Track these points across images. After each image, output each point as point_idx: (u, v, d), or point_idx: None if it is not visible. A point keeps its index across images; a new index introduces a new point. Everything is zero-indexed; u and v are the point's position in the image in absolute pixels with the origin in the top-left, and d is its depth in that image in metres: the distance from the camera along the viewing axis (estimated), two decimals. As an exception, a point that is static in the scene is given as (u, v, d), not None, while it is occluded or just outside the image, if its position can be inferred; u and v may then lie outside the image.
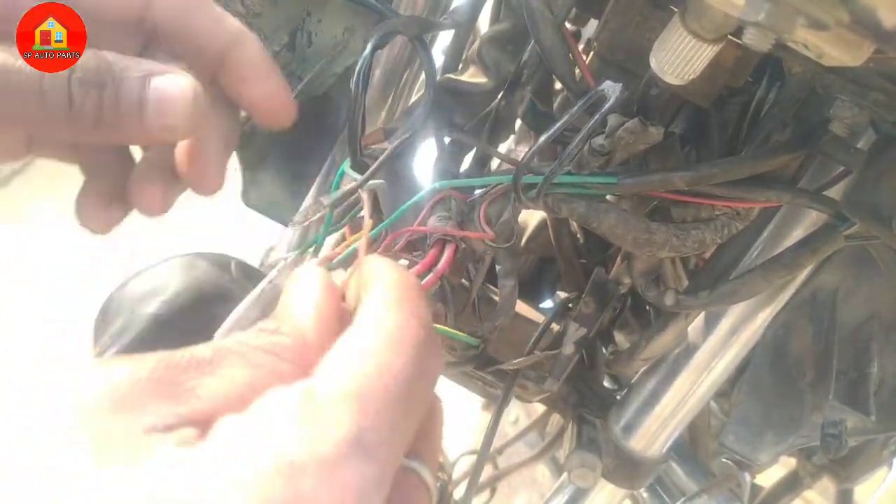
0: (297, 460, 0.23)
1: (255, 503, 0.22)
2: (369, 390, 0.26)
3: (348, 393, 0.26)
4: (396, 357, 0.28)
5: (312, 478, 0.23)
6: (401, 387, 0.27)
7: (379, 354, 0.27)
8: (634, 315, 0.73)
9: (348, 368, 0.27)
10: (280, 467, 0.23)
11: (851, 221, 0.46)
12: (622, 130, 0.44)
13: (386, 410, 0.26)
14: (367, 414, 0.25)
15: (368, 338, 0.28)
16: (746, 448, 0.70)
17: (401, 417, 0.27)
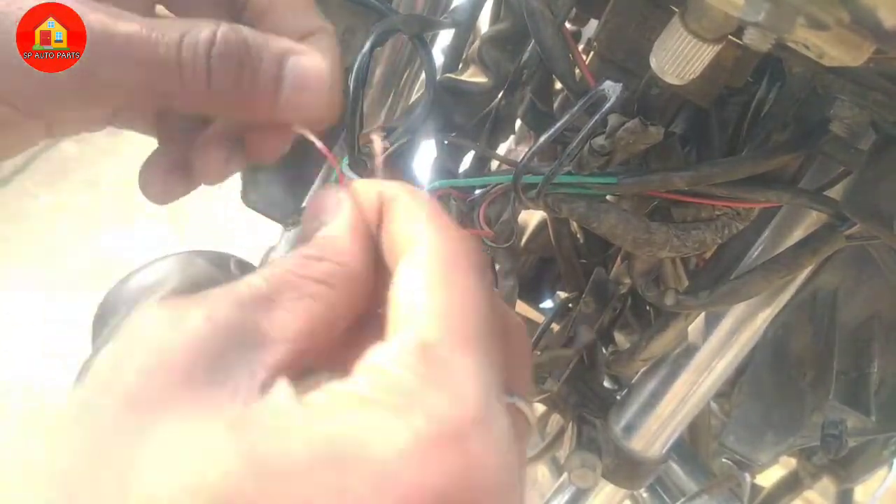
0: (452, 425, 0.23)
1: (435, 481, 0.22)
2: (469, 328, 0.26)
3: (459, 338, 0.25)
4: (469, 283, 0.27)
5: (475, 439, 0.23)
6: (485, 312, 0.27)
7: (455, 286, 0.27)
8: (635, 315, 0.73)
9: (442, 311, 0.26)
10: (441, 436, 0.23)
11: (852, 221, 0.46)
12: (622, 130, 0.44)
13: (487, 344, 0.26)
14: (481, 355, 0.25)
15: (437, 271, 0.27)
16: (747, 448, 0.70)
17: (495, 347, 0.27)
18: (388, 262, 0.31)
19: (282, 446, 0.22)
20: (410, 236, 0.29)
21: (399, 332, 0.26)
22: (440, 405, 0.23)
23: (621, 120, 0.44)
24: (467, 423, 0.23)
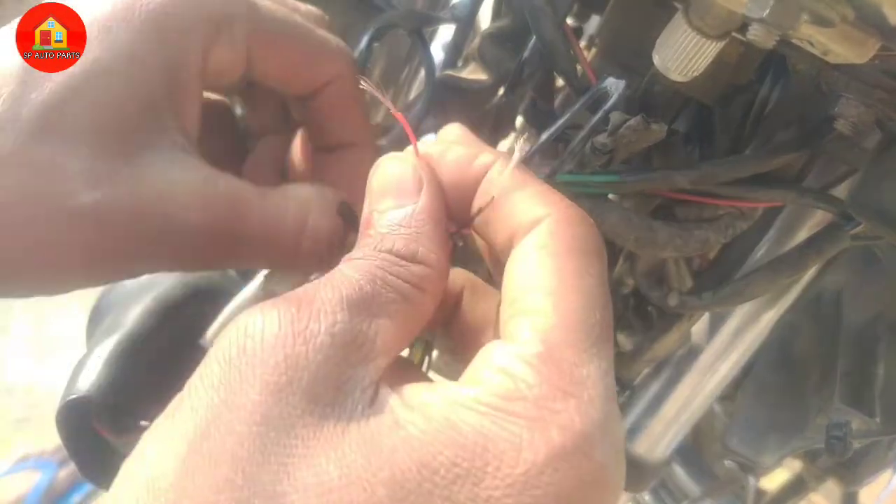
0: (583, 435, 0.23)
1: (570, 489, 0.23)
2: (594, 330, 0.26)
3: (585, 341, 0.25)
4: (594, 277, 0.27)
5: (601, 445, 0.24)
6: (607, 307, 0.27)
7: (581, 281, 0.27)
8: (637, 316, 0.73)
9: (569, 312, 0.26)
10: (573, 446, 0.23)
11: (857, 221, 0.46)
12: (624, 128, 0.44)
13: (608, 341, 0.27)
14: (603, 357, 0.26)
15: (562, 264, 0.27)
16: (750, 451, 0.70)
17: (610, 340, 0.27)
18: (493, 240, 0.31)
19: (420, 465, 0.23)
20: (527, 216, 0.29)
21: (524, 332, 0.26)
22: (572, 416, 0.24)
23: (623, 117, 0.43)
24: (596, 432, 0.24)
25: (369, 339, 0.26)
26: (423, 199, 0.30)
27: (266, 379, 0.24)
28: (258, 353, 0.24)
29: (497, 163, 0.31)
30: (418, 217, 0.30)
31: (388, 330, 0.27)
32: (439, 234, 0.30)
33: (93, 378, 0.41)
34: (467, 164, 0.31)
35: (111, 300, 0.49)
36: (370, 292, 0.27)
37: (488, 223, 0.31)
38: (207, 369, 0.25)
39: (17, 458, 1.75)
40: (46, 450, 1.74)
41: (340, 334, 0.25)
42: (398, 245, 0.29)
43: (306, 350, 0.24)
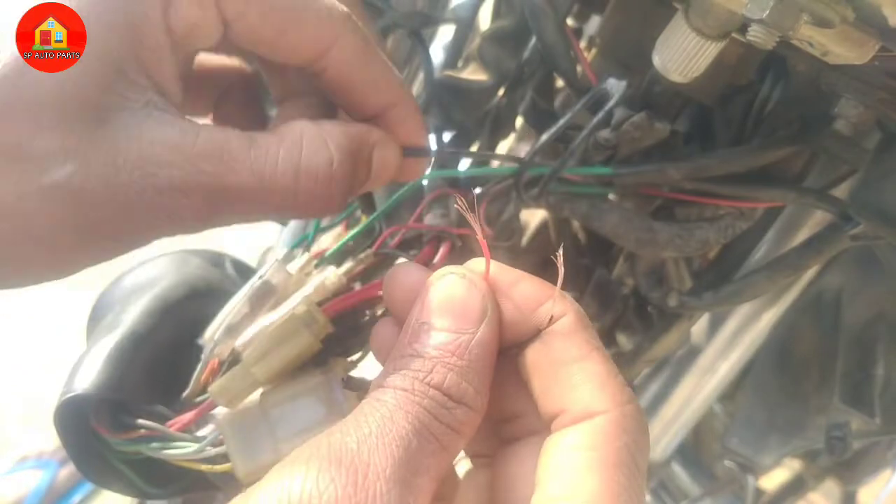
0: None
1: None
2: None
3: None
4: (636, 489, 0.27)
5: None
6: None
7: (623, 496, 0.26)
8: (637, 316, 0.73)
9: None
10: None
11: (856, 221, 0.46)
12: (628, 124, 0.43)
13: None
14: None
15: (611, 480, 0.26)
16: (750, 451, 0.70)
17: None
18: (540, 401, 0.30)
19: None
20: (580, 402, 0.28)
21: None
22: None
23: (627, 113, 0.43)
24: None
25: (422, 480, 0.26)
26: (482, 332, 0.29)
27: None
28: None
29: (568, 319, 0.30)
30: (475, 350, 0.29)
31: (425, 488, 0.26)
32: (488, 372, 0.29)
33: (91, 376, 0.41)
34: (534, 306, 0.30)
35: (111, 298, 0.49)
36: (416, 448, 0.26)
37: (538, 382, 0.30)
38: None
39: (18, 457, 1.75)
40: (47, 449, 1.74)
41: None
42: (449, 381, 0.28)
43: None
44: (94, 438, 0.42)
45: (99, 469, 0.43)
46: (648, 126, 0.44)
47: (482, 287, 0.30)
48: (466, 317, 0.29)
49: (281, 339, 0.38)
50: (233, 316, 0.38)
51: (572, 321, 0.30)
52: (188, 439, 0.41)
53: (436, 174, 0.47)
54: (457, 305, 0.29)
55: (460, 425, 0.28)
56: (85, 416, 0.41)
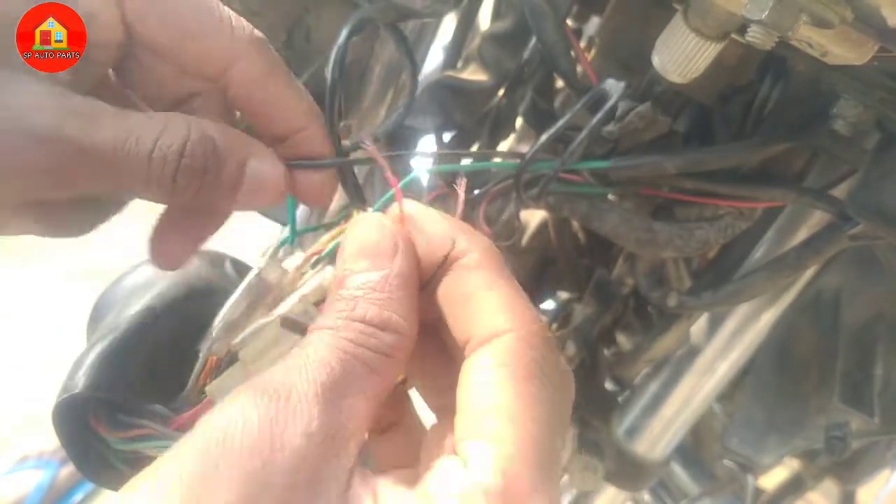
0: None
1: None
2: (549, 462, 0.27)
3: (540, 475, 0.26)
4: (553, 401, 0.28)
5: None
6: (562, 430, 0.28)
7: (539, 409, 0.27)
8: (637, 316, 0.73)
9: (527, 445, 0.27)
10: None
11: (855, 221, 0.46)
12: (633, 115, 0.43)
13: (558, 469, 0.28)
14: (553, 489, 0.27)
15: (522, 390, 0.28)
16: (750, 450, 0.70)
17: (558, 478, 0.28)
18: (452, 330, 0.31)
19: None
20: (488, 325, 0.29)
21: (484, 461, 0.26)
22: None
23: (631, 105, 0.43)
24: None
25: (343, 427, 0.27)
26: (397, 264, 0.30)
27: (241, 483, 0.24)
28: (235, 456, 0.24)
29: (473, 252, 0.31)
30: (393, 282, 0.30)
31: (359, 409, 0.27)
32: (411, 300, 0.30)
33: (90, 375, 0.41)
34: (444, 241, 0.32)
35: (111, 299, 0.49)
36: (340, 374, 0.27)
37: (450, 313, 0.31)
38: (184, 456, 0.25)
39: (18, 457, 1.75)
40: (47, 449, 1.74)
41: (316, 434, 0.26)
42: (371, 313, 0.29)
43: (283, 456, 0.25)
44: (92, 437, 0.42)
45: (97, 468, 0.43)
46: (652, 117, 0.44)
47: (391, 226, 0.32)
48: (380, 255, 0.31)
49: (278, 338, 0.38)
50: (230, 313, 0.38)
51: (479, 254, 0.31)
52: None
53: (435, 170, 0.47)
54: (370, 247, 0.31)
55: (388, 349, 0.29)
56: (83, 415, 0.41)
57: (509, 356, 0.28)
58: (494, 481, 0.25)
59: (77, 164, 0.33)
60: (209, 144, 0.35)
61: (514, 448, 0.26)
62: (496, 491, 0.25)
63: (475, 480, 0.25)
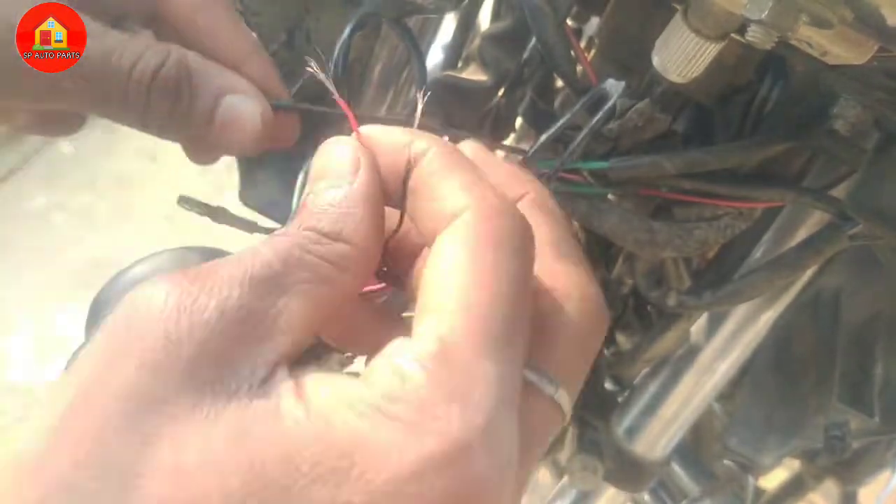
0: (461, 442, 0.22)
1: (435, 499, 0.22)
2: (497, 326, 0.25)
3: (484, 339, 0.24)
4: (506, 270, 0.26)
5: (480, 456, 0.23)
6: (518, 301, 0.26)
7: (488, 275, 0.26)
8: (636, 316, 0.73)
9: (470, 308, 0.25)
10: (447, 454, 0.22)
11: (855, 221, 0.46)
12: (632, 112, 0.43)
13: (513, 339, 0.25)
14: (503, 357, 0.25)
15: (472, 259, 0.26)
16: (749, 450, 0.70)
17: (522, 340, 0.26)
18: (420, 228, 0.30)
19: (283, 458, 0.22)
20: (447, 208, 0.28)
21: (423, 329, 0.25)
22: (452, 421, 0.23)
23: (630, 102, 0.43)
24: (476, 439, 0.23)
25: (269, 317, 0.25)
26: (358, 180, 0.29)
27: (144, 355, 0.23)
28: (140, 328, 0.23)
29: (431, 149, 0.30)
30: (351, 197, 0.29)
31: (296, 310, 0.26)
32: (372, 216, 0.29)
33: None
34: (403, 148, 0.30)
35: (109, 295, 0.49)
36: (280, 270, 0.26)
37: (416, 212, 0.30)
38: (93, 341, 0.24)
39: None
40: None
41: (232, 311, 0.24)
42: (323, 223, 0.28)
43: (189, 325, 0.23)
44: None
45: None
46: (651, 113, 0.44)
47: (350, 144, 0.31)
48: (339, 173, 0.30)
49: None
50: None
51: (434, 148, 0.30)
52: None
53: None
54: (330, 167, 0.30)
55: (338, 258, 0.27)
56: None
57: (464, 231, 0.27)
58: (430, 348, 0.24)
59: (60, 76, 0.34)
60: (184, 70, 0.36)
61: (458, 316, 0.25)
62: (431, 356, 0.24)
63: (412, 350, 0.24)
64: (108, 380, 0.23)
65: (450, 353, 0.24)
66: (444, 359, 0.24)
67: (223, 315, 0.24)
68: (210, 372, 0.23)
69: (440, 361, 0.24)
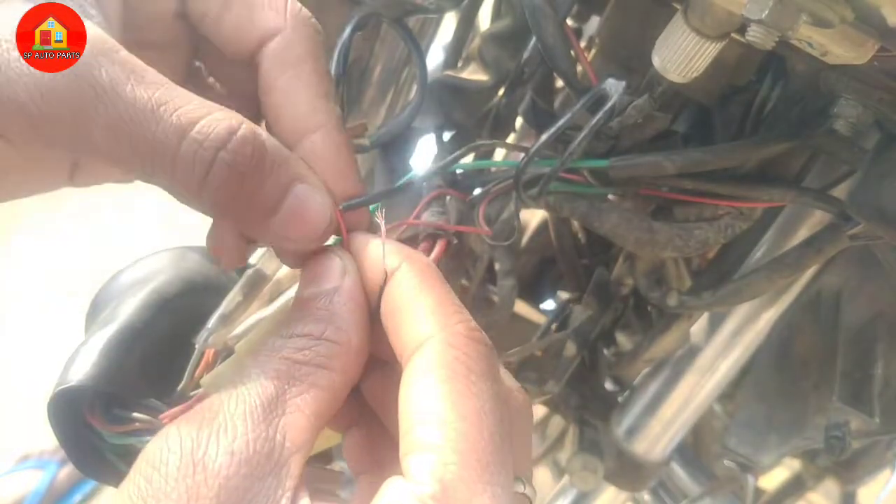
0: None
1: None
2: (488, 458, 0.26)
3: (478, 473, 0.26)
4: (486, 399, 0.28)
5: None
6: (501, 429, 0.27)
7: (472, 408, 0.27)
8: (637, 316, 0.73)
9: (461, 444, 0.26)
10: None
11: (855, 221, 0.46)
12: (631, 108, 0.43)
13: (502, 465, 0.27)
14: (497, 485, 0.26)
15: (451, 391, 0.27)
16: (750, 450, 0.70)
17: (507, 458, 0.27)
18: (392, 341, 0.31)
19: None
20: (414, 332, 0.29)
21: (420, 471, 0.26)
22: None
23: (629, 99, 0.43)
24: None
25: (277, 443, 0.26)
26: (344, 285, 0.31)
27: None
28: (162, 488, 0.24)
29: (400, 269, 0.31)
30: (336, 299, 0.31)
31: (298, 425, 0.27)
32: (356, 315, 0.31)
33: (86, 368, 0.41)
34: (378, 266, 0.32)
35: (108, 294, 0.49)
36: (274, 393, 0.27)
37: (388, 327, 0.31)
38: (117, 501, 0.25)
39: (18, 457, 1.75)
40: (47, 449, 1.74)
41: (241, 451, 0.25)
42: (309, 327, 0.30)
43: (205, 478, 0.24)
44: (87, 430, 0.42)
45: (92, 461, 0.43)
46: (650, 110, 0.44)
47: (338, 252, 0.33)
48: (327, 278, 0.31)
49: (273, 330, 0.38)
50: (226, 305, 0.38)
51: (406, 266, 0.31)
52: None
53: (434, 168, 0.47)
54: (318, 273, 0.32)
55: (324, 360, 0.29)
56: (78, 407, 0.41)
57: (434, 360, 0.28)
58: (432, 490, 0.25)
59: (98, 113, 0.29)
60: (259, 145, 0.30)
61: (449, 452, 0.26)
62: (434, 498, 0.25)
63: (414, 492, 0.25)
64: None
65: (450, 493, 0.25)
66: (445, 497, 0.25)
67: (234, 457, 0.25)
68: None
69: (441, 501, 0.25)
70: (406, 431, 0.27)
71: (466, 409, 0.27)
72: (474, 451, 0.26)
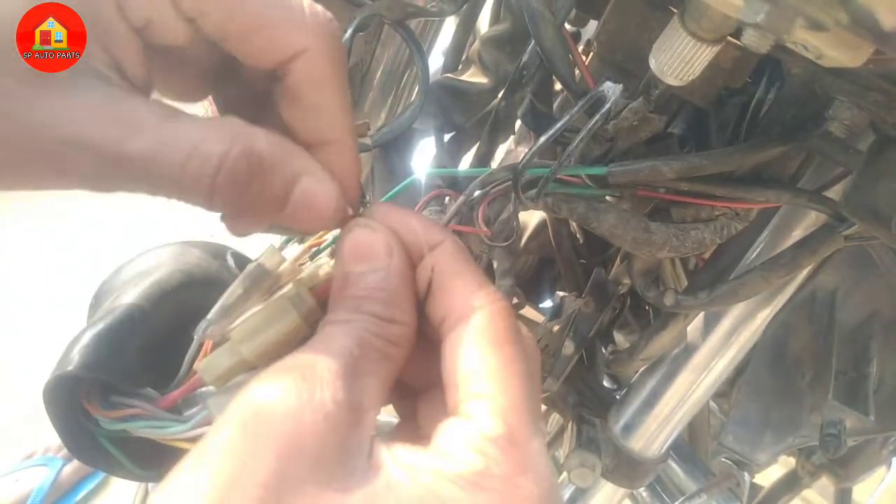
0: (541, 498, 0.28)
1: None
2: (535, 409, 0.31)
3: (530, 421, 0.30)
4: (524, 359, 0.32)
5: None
6: (538, 385, 0.33)
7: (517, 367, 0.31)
8: (634, 315, 0.73)
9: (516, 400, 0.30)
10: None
11: (850, 222, 0.46)
12: (627, 111, 0.44)
13: (539, 414, 0.32)
14: (540, 431, 0.31)
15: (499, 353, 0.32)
16: (746, 448, 0.70)
17: (539, 412, 0.33)
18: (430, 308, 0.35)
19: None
20: (463, 302, 0.33)
21: (484, 415, 0.30)
22: (529, 488, 0.28)
23: (625, 102, 0.44)
24: (547, 496, 0.29)
25: (361, 400, 0.30)
26: (393, 265, 0.34)
27: (280, 446, 0.26)
28: (273, 422, 0.27)
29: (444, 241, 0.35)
30: (391, 279, 0.34)
31: (374, 387, 0.31)
32: (410, 293, 0.34)
33: (83, 355, 0.41)
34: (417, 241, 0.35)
35: (111, 286, 0.49)
36: (359, 356, 0.31)
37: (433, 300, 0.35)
38: (224, 433, 0.27)
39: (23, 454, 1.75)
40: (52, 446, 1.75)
41: (342, 402, 0.28)
42: (378, 308, 0.33)
43: (315, 419, 0.27)
44: (83, 417, 0.42)
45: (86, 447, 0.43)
46: (645, 112, 0.44)
47: (382, 229, 0.36)
48: (376, 257, 0.35)
49: (269, 319, 0.38)
50: (226, 297, 0.38)
51: (448, 245, 0.35)
52: (176, 419, 0.41)
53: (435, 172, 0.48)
54: (366, 250, 0.35)
55: (397, 338, 0.33)
56: (75, 394, 0.41)
57: (488, 327, 0.32)
58: (498, 429, 0.29)
59: (112, 171, 0.33)
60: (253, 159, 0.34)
61: (508, 400, 0.30)
62: (501, 435, 0.29)
63: (481, 430, 0.29)
64: (251, 469, 0.26)
65: (513, 434, 0.29)
66: (511, 439, 0.29)
67: (338, 407, 0.28)
68: (334, 456, 0.27)
69: (509, 441, 0.29)
70: (463, 383, 0.31)
71: (517, 370, 0.31)
72: (527, 404, 0.30)
